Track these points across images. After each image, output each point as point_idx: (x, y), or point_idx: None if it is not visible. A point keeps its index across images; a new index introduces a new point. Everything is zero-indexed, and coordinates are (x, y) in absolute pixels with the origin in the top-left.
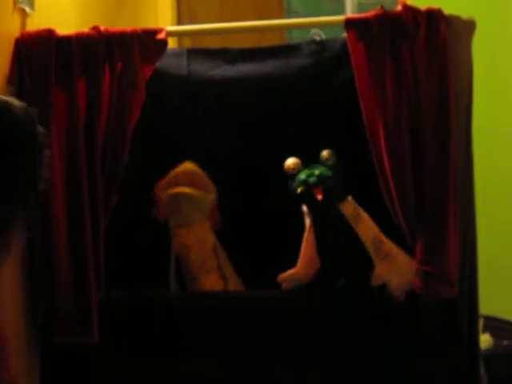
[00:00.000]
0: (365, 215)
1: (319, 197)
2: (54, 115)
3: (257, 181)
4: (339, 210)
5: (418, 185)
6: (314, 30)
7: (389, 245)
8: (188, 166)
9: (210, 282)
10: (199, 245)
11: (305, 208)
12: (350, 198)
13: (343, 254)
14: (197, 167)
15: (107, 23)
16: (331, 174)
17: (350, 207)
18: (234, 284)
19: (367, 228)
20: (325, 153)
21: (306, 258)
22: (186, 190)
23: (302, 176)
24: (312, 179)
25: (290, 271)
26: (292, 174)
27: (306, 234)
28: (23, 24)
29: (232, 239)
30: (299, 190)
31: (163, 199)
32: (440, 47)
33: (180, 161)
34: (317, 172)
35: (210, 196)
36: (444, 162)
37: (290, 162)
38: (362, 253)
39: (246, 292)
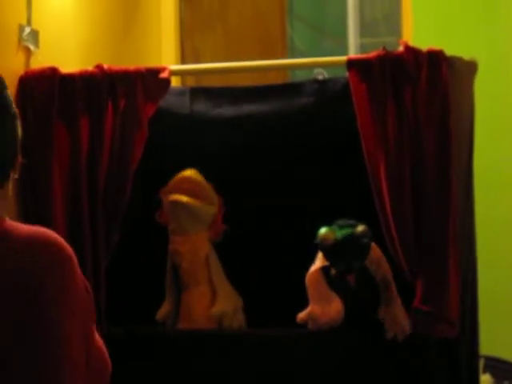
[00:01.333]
0: (381, 257)
1: (324, 263)
2: (57, 152)
3: (257, 214)
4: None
5: (418, 224)
6: (317, 70)
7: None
8: (191, 173)
9: (198, 293)
10: (192, 254)
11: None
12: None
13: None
14: (200, 176)
15: (111, 62)
16: (355, 255)
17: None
18: (226, 300)
19: (381, 268)
20: (359, 229)
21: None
22: (184, 198)
23: (331, 237)
24: (337, 261)
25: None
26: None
27: (314, 274)
28: (27, 62)
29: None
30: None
31: (165, 204)
32: (441, 88)
33: None
34: (344, 259)
35: (210, 207)
36: (444, 201)
37: (322, 234)
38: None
39: (245, 331)
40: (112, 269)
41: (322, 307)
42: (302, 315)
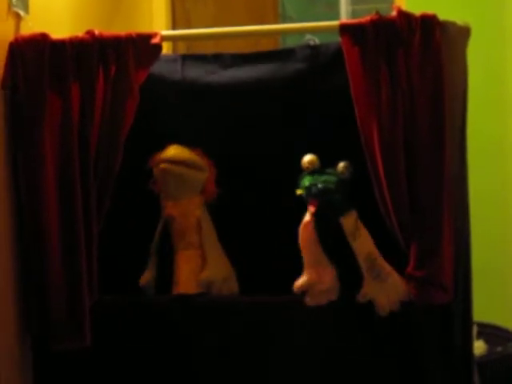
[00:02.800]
0: (364, 231)
1: (312, 209)
2: (48, 119)
3: (253, 180)
4: (338, 223)
5: (413, 190)
6: (308, 36)
7: (382, 263)
8: (177, 147)
9: (186, 257)
10: (183, 217)
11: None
12: (353, 212)
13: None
14: (185, 149)
15: (101, 27)
16: (334, 187)
17: (350, 222)
18: (216, 267)
19: (364, 244)
20: (341, 165)
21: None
22: (172, 166)
23: (306, 182)
24: (313, 190)
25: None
26: (306, 172)
27: (302, 231)
28: (17, 28)
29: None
30: (298, 193)
31: (155, 173)
32: (435, 53)
33: None
34: (320, 185)
35: (200, 173)
36: (438, 166)
37: (306, 159)
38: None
39: (238, 296)
40: (101, 237)
41: (318, 272)
42: (299, 283)
